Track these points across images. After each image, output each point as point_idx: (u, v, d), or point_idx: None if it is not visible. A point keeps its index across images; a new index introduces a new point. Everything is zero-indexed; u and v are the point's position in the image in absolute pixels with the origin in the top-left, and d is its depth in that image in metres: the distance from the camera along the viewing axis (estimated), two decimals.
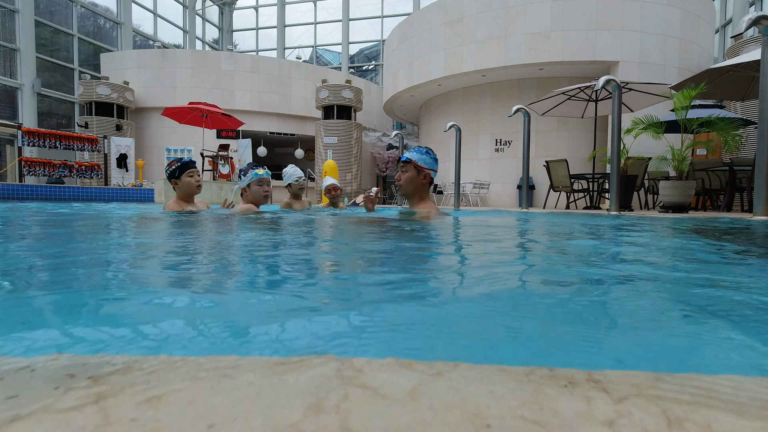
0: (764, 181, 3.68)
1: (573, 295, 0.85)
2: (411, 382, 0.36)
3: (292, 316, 0.66)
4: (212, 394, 0.34)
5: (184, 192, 3.29)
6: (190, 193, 3.31)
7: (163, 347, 0.50)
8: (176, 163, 3.26)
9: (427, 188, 2.76)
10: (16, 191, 7.24)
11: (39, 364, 0.40)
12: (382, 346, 0.52)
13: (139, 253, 1.39)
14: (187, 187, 3.27)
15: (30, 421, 0.30)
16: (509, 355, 0.49)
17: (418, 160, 2.71)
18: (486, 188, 10.93)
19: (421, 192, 2.75)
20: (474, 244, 1.85)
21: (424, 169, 2.70)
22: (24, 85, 13.96)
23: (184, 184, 3.27)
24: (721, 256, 1.51)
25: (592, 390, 0.35)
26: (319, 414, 0.31)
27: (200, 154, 10.84)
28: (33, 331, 0.56)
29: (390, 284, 0.92)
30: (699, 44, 9.60)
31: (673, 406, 0.33)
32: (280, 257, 1.35)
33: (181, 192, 3.30)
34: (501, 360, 0.46)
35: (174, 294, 0.84)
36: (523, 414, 0.32)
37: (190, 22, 21.24)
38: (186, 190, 3.29)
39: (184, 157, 3.28)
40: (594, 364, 0.42)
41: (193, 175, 3.29)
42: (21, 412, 0.31)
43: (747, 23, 3.85)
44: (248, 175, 3.34)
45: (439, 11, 10.64)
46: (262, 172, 3.34)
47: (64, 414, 0.31)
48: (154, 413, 0.31)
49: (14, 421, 0.30)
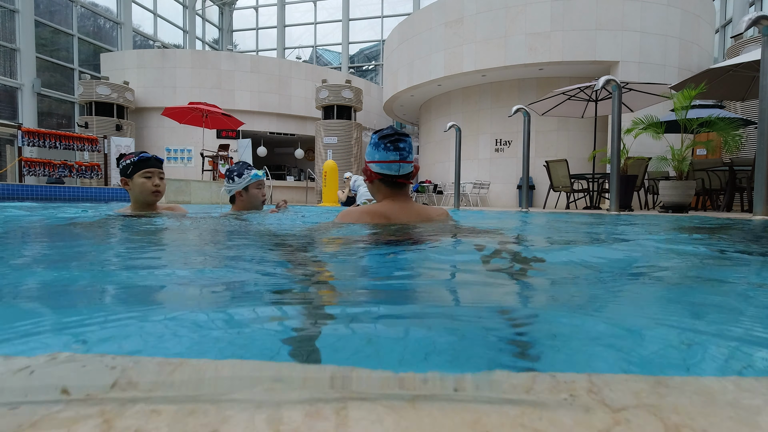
0: (764, 181, 3.68)
1: (569, 295, 0.85)
2: (410, 393, 0.36)
3: (287, 324, 0.66)
4: (210, 400, 0.34)
5: (136, 198, 2.45)
6: (143, 201, 2.46)
7: (155, 348, 0.50)
8: (132, 156, 2.41)
9: (381, 189, 1.89)
10: (16, 191, 7.24)
11: (38, 364, 0.40)
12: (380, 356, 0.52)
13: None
14: (140, 191, 2.42)
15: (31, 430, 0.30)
16: (509, 360, 0.49)
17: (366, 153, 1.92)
18: (486, 188, 10.93)
19: (377, 194, 1.93)
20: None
21: (366, 164, 1.91)
22: (24, 85, 13.96)
23: (136, 186, 2.41)
24: (721, 255, 1.51)
25: (591, 396, 0.35)
26: (317, 421, 0.31)
27: (200, 154, 10.85)
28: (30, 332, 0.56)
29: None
30: (699, 44, 9.60)
31: (671, 413, 0.33)
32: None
33: (133, 197, 2.46)
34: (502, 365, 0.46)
35: (172, 298, 0.84)
36: (522, 422, 0.32)
37: (190, 22, 21.23)
38: (137, 196, 2.44)
39: (147, 152, 2.46)
40: (595, 368, 0.42)
41: (152, 176, 2.44)
42: (22, 422, 0.31)
43: (747, 23, 3.85)
44: (244, 176, 2.80)
45: (439, 11, 10.64)
46: (261, 172, 2.87)
47: (64, 422, 0.31)
48: (156, 420, 0.31)
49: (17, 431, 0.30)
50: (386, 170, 1.82)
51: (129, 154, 2.44)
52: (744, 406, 0.34)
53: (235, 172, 2.80)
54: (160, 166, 2.49)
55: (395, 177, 1.83)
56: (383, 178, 1.84)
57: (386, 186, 1.86)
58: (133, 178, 2.41)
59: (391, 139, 1.82)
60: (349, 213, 1.93)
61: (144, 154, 2.44)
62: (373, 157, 1.84)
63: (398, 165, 1.81)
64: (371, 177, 1.87)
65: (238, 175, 2.79)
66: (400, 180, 1.84)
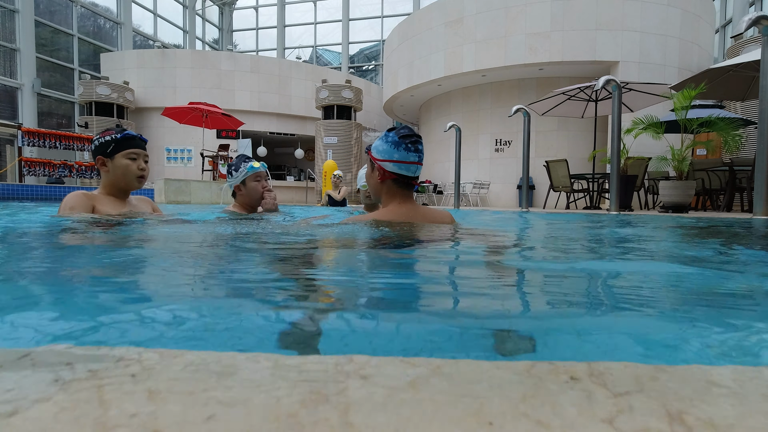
0: (764, 181, 3.68)
1: (570, 289, 0.85)
2: (411, 377, 0.36)
3: (289, 315, 0.66)
4: (212, 386, 0.34)
5: (114, 182, 2.06)
6: (123, 187, 2.08)
7: (160, 340, 0.50)
8: (113, 132, 2.04)
9: (391, 189, 1.81)
10: (16, 191, 7.24)
11: (37, 354, 0.40)
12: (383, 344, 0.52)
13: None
14: (123, 174, 2.03)
15: (29, 414, 0.30)
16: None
17: (374, 149, 1.83)
18: (486, 188, 10.93)
19: (384, 195, 1.84)
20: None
21: (377, 162, 1.80)
22: (24, 85, 13.96)
23: (117, 169, 2.03)
24: (721, 255, 1.51)
25: (593, 384, 0.35)
26: (318, 405, 0.31)
27: (200, 154, 10.84)
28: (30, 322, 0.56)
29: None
30: (699, 44, 9.60)
31: (673, 400, 0.33)
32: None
33: (109, 181, 2.06)
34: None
35: (170, 291, 0.83)
36: (525, 411, 0.31)
37: (190, 22, 21.24)
38: (116, 180, 2.05)
39: (128, 130, 2.09)
40: (595, 356, 0.42)
41: (137, 158, 2.07)
42: (20, 406, 0.31)
43: (747, 23, 3.86)
44: (241, 169, 2.60)
45: (439, 11, 10.64)
46: (258, 164, 2.63)
47: (62, 407, 0.31)
48: (153, 406, 0.31)
49: (13, 415, 0.29)
50: (404, 171, 1.77)
51: (108, 129, 2.07)
52: (745, 394, 0.34)
53: (233, 167, 2.65)
54: (145, 148, 2.14)
55: (411, 178, 1.80)
56: (398, 178, 1.78)
57: (398, 186, 1.80)
58: (114, 159, 2.02)
59: (412, 140, 1.78)
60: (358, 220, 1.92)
61: (128, 132, 2.07)
62: (391, 156, 1.76)
63: (416, 167, 1.79)
64: (384, 176, 1.79)
65: (235, 169, 2.63)
66: (413, 182, 1.83)
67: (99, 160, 2.03)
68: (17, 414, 0.30)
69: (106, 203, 2.03)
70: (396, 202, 1.81)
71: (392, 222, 1.79)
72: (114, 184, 2.06)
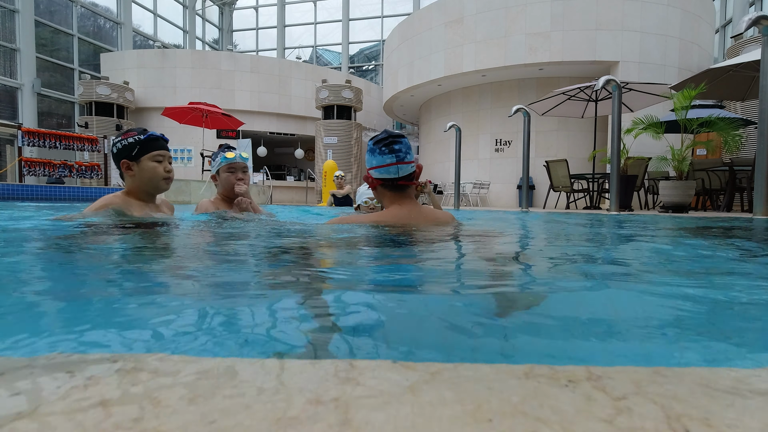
0: (764, 181, 3.68)
1: (569, 295, 0.86)
2: (410, 381, 0.37)
3: (286, 320, 0.66)
4: (214, 392, 0.34)
5: (140, 186, 1.99)
6: (151, 191, 2.04)
7: (162, 347, 0.50)
8: (135, 134, 1.95)
9: (385, 194, 1.86)
10: (16, 191, 7.24)
11: (39, 363, 0.40)
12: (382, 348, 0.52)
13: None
14: (150, 177, 1.97)
15: (31, 421, 0.30)
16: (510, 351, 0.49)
17: (366, 161, 1.90)
18: (486, 188, 10.93)
19: (383, 200, 1.89)
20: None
21: (367, 171, 1.88)
22: (24, 85, 13.96)
23: (144, 172, 1.96)
24: (721, 254, 1.51)
25: (591, 387, 0.35)
26: (318, 407, 0.31)
27: (200, 154, 10.84)
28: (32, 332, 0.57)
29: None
30: (699, 44, 9.60)
31: (672, 401, 0.33)
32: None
33: (135, 185, 1.99)
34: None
35: (171, 296, 0.84)
36: (524, 410, 0.32)
37: (190, 22, 21.24)
38: (144, 184, 1.99)
39: (151, 131, 2.01)
40: (593, 360, 0.42)
41: (163, 159, 2.00)
42: (23, 412, 0.31)
43: (747, 23, 3.86)
44: (217, 159, 2.41)
45: (439, 11, 10.64)
46: (232, 155, 2.38)
47: (65, 414, 0.31)
48: (156, 412, 0.31)
49: (16, 420, 0.30)
50: (385, 174, 1.79)
51: (130, 131, 1.97)
52: (743, 395, 0.34)
53: (214, 156, 2.48)
54: (168, 149, 2.06)
55: (395, 180, 1.80)
56: (384, 182, 1.82)
57: (389, 190, 1.83)
58: (141, 162, 1.94)
59: (386, 142, 1.79)
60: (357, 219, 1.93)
61: (152, 132, 1.99)
62: (372, 164, 1.82)
63: (396, 167, 1.78)
64: (373, 184, 1.85)
65: (214, 158, 2.46)
66: (400, 182, 1.81)
67: (124, 163, 1.95)
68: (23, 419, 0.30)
69: (136, 208, 1.97)
70: (395, 204, 1.84)
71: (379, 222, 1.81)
72: (141, 188, 2.00)
